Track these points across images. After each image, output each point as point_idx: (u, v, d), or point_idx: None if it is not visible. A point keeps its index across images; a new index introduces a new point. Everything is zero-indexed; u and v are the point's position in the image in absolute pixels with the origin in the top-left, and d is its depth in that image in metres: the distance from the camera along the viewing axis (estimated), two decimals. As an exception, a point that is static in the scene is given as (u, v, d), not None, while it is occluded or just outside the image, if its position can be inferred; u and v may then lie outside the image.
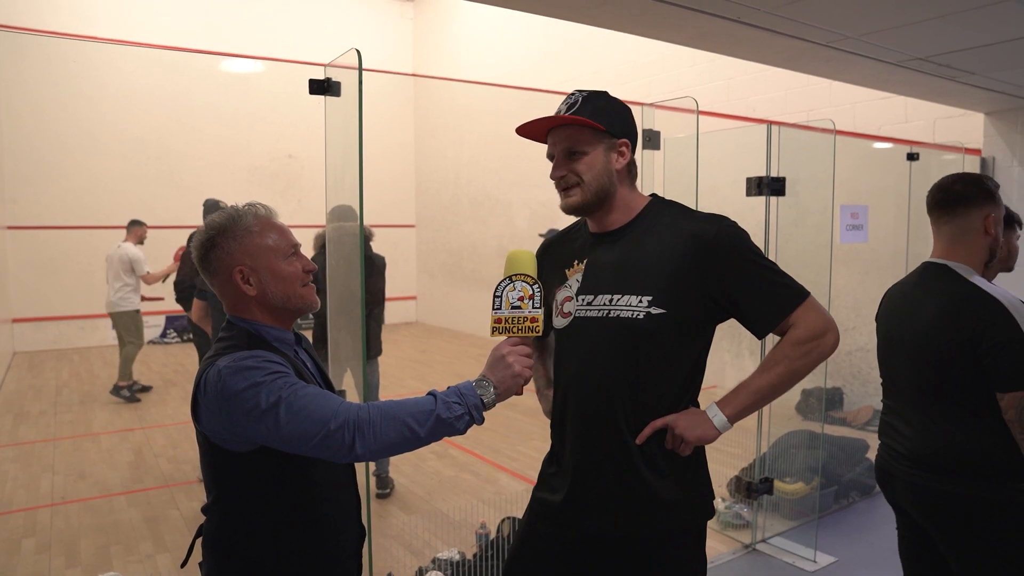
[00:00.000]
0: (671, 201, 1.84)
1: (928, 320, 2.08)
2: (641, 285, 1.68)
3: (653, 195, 1.86)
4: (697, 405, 1.77)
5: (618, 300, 1.69)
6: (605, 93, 1.78)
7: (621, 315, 1.68)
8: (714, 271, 1.66)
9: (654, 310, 1.66)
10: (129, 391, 7.49)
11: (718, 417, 1.68)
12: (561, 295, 1.82)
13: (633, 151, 1.80)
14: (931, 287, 2.15)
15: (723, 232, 1.68)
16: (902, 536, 2.32)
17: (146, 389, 7.92)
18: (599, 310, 1.71)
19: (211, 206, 5.03)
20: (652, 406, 1.70)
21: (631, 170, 1.80)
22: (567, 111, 1.71)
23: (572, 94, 1.75)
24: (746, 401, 1.69)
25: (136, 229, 7.72)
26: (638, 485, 1.70)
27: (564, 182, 1.74)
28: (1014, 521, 1.96)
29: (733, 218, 1.75)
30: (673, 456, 1.71)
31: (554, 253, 1.91)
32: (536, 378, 2.05)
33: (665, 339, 1.67)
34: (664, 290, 1.66)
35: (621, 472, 1.71)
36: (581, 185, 1.72)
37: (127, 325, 7.51)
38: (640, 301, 1.67)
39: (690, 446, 1.68)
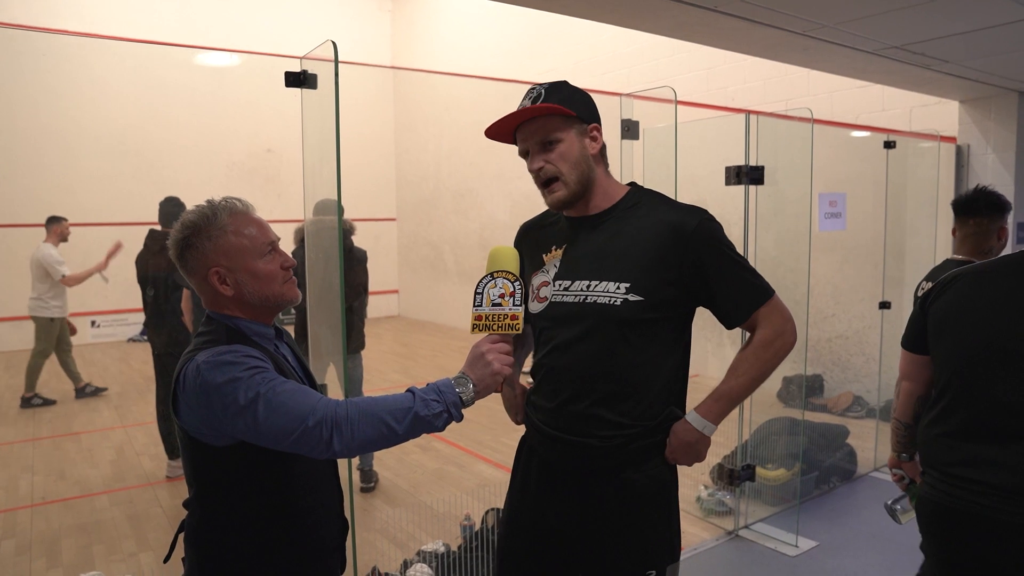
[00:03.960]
0: (650, 189, 1.85)
1: None
2: (619, 272, 1.70)
3: (632, 183, 1.87)
4: (684, 395, 1.81)
5: (595, 286, 1.71)
6: (566, 82, 1.78)
7: (598, 301, 1.70)
8: (693, 261, 1.69)
9: (632, 297, 1.68)
10: (40, 399, 7.14)
11: (707, 428, 1.74)
12: (538, 280, 1.83)
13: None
14: None
15: (704, 224, 1.71)
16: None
17: (100, 391, 7.67)
18: (576, 295, 1.73)
19: (171, 204, 4.95)
20: (630, 389, 1.72)
21: (604, 156, 1.81)
22: (531, 105, 1.71)
23: (533, 88, 1.75)
24: (728, 409, 1.77)
25: (55, 227, 7.07)
26: (604, 467, 1.76)
27: (543, 174, 1.73)
28: None
29: (713, 207, 1.76)
30: (643, 442, 1.75)
31: (532, 237, 1.92)
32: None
33: (642, 326, 1.69)
34: (642, 277, 1.68)
35: (589, 452, 1.75)
36: (561, 178, 1.72)
37: (37, 332, 7.08)
38: (618, 288, 1.68)
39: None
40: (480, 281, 1.58)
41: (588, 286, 1.72)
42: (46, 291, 7.03)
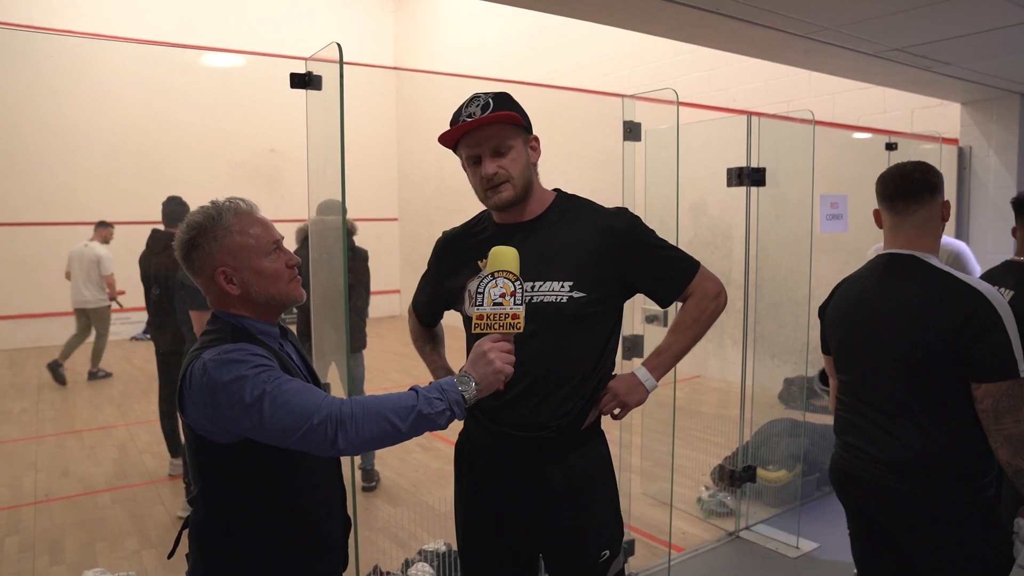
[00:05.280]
0: (574, 195, 1.98)
1: (909, 313, 1.98)
2: (562, 272, 1.82)
3: (557, 190, 1.98)
4: (612, 370, 1.96)
5: (540, 286, 1.82)
6: (510, 94, 1.86)
7: (545, 299, 1.80)
8: (626, 258, 1.86)
9: (576, 294, 1.80)
10: (104, 371, 8.51)
11: (649, 382, 1.92)
12: (476, 284, 1.86)
13: None
14: (904, 279, 2.04)
15: (631, 224, 1.89)
16: (859, 539, 2.23)
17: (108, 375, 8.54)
18: None
19: (173, 203, 4.98)
20: (575, 379, 1.84)
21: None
22: (480, 113, 1.78)
23: (478, 96, 1.82)
24: (670, 364, 1.95)
25: (102, 230, 8.24)
26: (551, 457, 1.86)
27: (496, 179, 1.82)
28: (987, 523, 1.94)
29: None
30: (580, 429, 1.88)
31: (459, 246, 2.01)
32: (434, 371, 2.17)
33: (585, 319, 1.83)
34: (583, 276, 1.81)
35: (541, 444, 1.84)
36: (511, 181, 1.82)
37: (102, 319, 8.20)
38: (562, 286, 1.81)
39: (627, 410, 1.91)
40: (481, 281, 1.59)
41: (533, 286, 1.81)
42: (99, 282, 8.08)
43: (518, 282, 1.58)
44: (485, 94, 1.83)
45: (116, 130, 10.78)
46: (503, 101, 1.80)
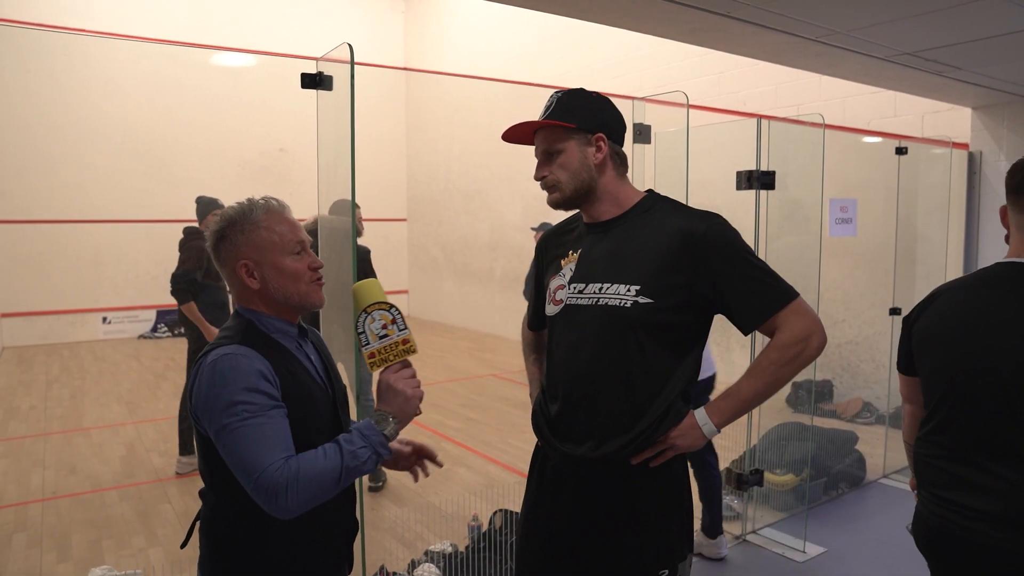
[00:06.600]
0: (666, 197, 1.87)
1: None
2: (631, 275, 1.72)
3: (649, 190, 1.89)
4: (690, 397, 1.79)
5: (607, 288, 1.74)
6: (580, 90, 1.84)
7: (609, 303, 1.72)
8: (703, 267, 1.69)
9: (641, 299, 1.69)
10: None
11: (708, 426, 1.72)
12: (554, 283, 1.88)
13: (618, 142, 1.84)
14: None
15: (713, 229, 1.70)
16: None
17: None
18: (589, 298, 1.76)
19: (205, 203, 5.07)
20: (637, 393, 1.73)
21: (617, 161, 1.83)
22: (544, 114, 1.79)
23: (550, 96, 1.82)
24: (736, 409, 1.73)
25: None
26: (617, 466, 1.76)
27: (545, 183, 1.83)
28: None
29: (724, 212, 1.78)
30: (649, 444, 1.75)
31: (552, 243, 1.99)
32: (531, 382, 2.15)
33: (652, 329, 1.70)
34: (652, 281, 1.70)
35: (597, 459, 1.76)
36: (558, 186, 1.80)
37: None
38: (628, 290, 1.71)
39: (672, 453, 1.75)
40: (357, 321, 1.61)
41: (601, 288, 1.75)
42: None
43: (393, 308, 1.60)
44: (557, 92, 1.82)
45: (126, 129, 10.84)
46: (561, 103, 1.79)
